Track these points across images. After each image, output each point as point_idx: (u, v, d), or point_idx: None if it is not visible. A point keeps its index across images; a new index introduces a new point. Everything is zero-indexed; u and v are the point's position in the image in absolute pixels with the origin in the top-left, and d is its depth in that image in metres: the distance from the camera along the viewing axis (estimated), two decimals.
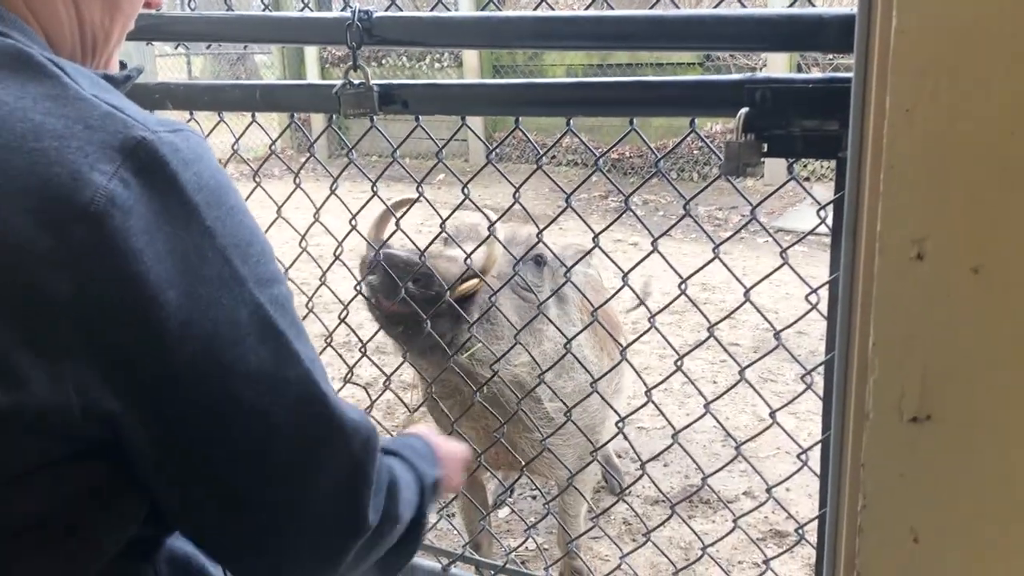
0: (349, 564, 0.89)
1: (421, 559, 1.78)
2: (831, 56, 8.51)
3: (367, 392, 2.54)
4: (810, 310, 1.22)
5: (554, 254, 1.62)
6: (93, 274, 0.68)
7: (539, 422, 2.02)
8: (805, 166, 8.13)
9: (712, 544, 1.56)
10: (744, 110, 1.10)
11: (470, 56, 10.29)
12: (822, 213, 1.18)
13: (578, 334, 1.84)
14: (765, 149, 1.11)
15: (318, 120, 10.24)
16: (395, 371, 1.83)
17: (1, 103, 0.70)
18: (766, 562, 1.42)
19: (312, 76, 11.26)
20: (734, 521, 1.45)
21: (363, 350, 1.74)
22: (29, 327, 0.68)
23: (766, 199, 1.35)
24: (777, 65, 7.86)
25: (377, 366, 1.89)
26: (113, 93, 0.78)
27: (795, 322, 1.34)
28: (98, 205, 0.68)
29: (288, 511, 0.81)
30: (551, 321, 1.89)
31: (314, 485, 0.82)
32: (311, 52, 11.31)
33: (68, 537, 0.77)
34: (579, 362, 1.67)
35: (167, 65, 11.98)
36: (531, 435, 2.05)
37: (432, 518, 3.18)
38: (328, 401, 0.81)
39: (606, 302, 1.68)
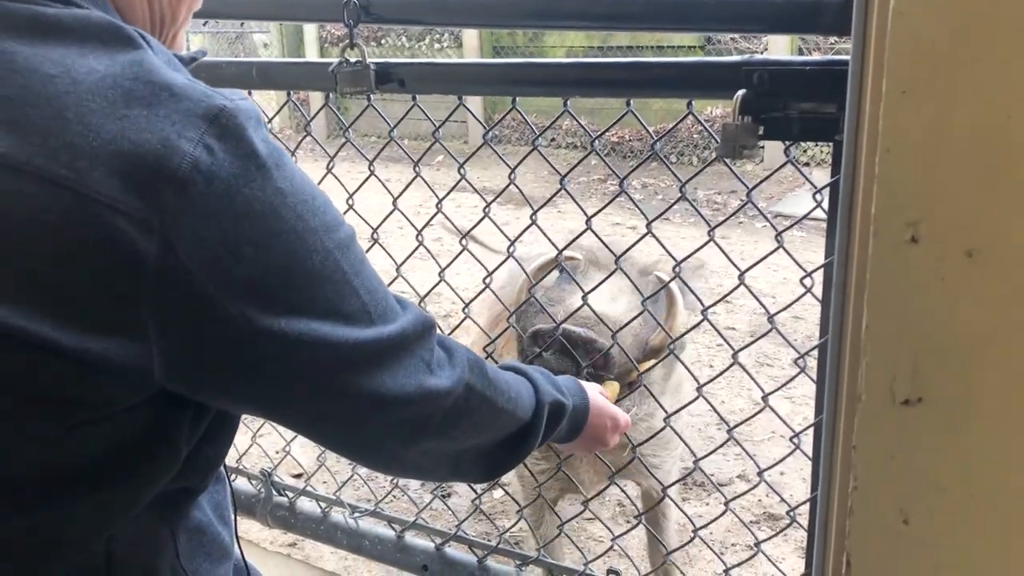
0: (442, 429, 0.98)
1: (414, 538, 1.79)
2: (832, 40, 8.49)
3: None
4: (804, 294, 1.22)
5: (685, 284, 1.50)
6: (177, 235, 0.72)
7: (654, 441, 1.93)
8: (804, 151, 8.12)
9: (705, 526, 1.56)
10: (741, 92, 1.09)
11: (470, 37, 10.24)
12: (818, 197, 1.18)
13: (683, 334, 1.74)
14: (762, 132, 1.11)
15: (316, 100, 10.20)
16: None
17: (93, 70, 0.74)
18: (757, 544, 1.42)
19: (311, 55, 11.22)
20: (726, 504, 1.45)
21: None
22: (116, 282, 0.72)
23: (762, 182, 1.35)
24: (778, 49, 7.83)
25: None
26: (183, 71, 0.82)
27: (789, 305, 1.34)
28: (184, 170, 0.72)
29: (365, 399, 0.88)
30: (681, 362, 1.74)
31: (380, 381, 0.88)
32: (310, 31, 11.26)
33: (110, 483, 0.81)
34: (687, 370, 1.61)
35: None
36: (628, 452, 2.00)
37: (426, 497, 3.18)
38: (390, 312, 0.90)
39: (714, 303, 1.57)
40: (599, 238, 1.47)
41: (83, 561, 0.85)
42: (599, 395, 1.29)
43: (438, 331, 1.00)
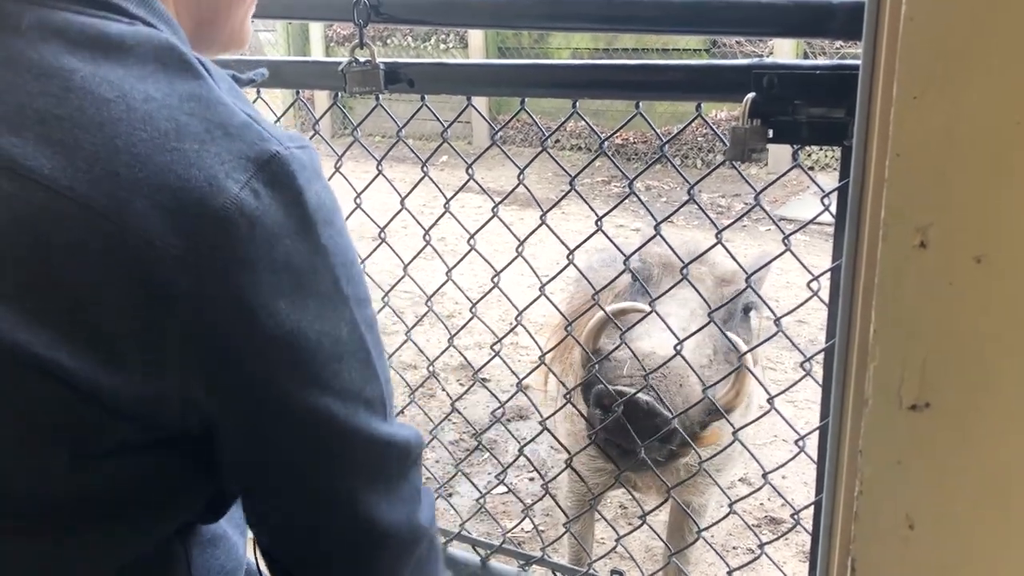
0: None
1: None
2: (838, 45, 8.48)
3: (402, 378, 2.54)
4: (810, 297, 1.22)
5: (758, 295, 1.44)
6: (213, 276, 0.70)
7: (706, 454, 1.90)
8: (808, 155, 8.12)
9: (707, 528, 1.56)
10: (750, 95, 1.09)
11: (475, 38, 10.25)
12: (826, 201, 1.18)
13: (757, 344, 1.72)
14: (770, 135, 1.11)
15: (322, 102, 10.22)
16: (395, 352, 1.84)
17: (150, 98, 0.72)
18: (760, 547, 1.42)
19: (317, 54, 11.22)
20: (730, 506, 1.45)
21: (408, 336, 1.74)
22: (142, 317, 0.70)
23: (769, 185, 1.35)
24: (783, 53, 7.83)
25: (419, 348, 1.89)
26: (246, 101, 0.80)
27: (795, 309, 1.34)
28: (229, 211, 0.70)
29: (355, 508, 0.82)
30: (757, 379, 1.68)
31: (374, 490, 0.83)
32: (316, 31, 11.27)
33: (124, 519, 0.78)
34: (758, 380, 1.57)
35: None
36: (692, 466, 1.94)
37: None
38: (391, 418, 0.85)
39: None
40: (610, 239, 1.47)
41: None
42: None
43: None
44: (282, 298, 0.73)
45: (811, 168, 8.11)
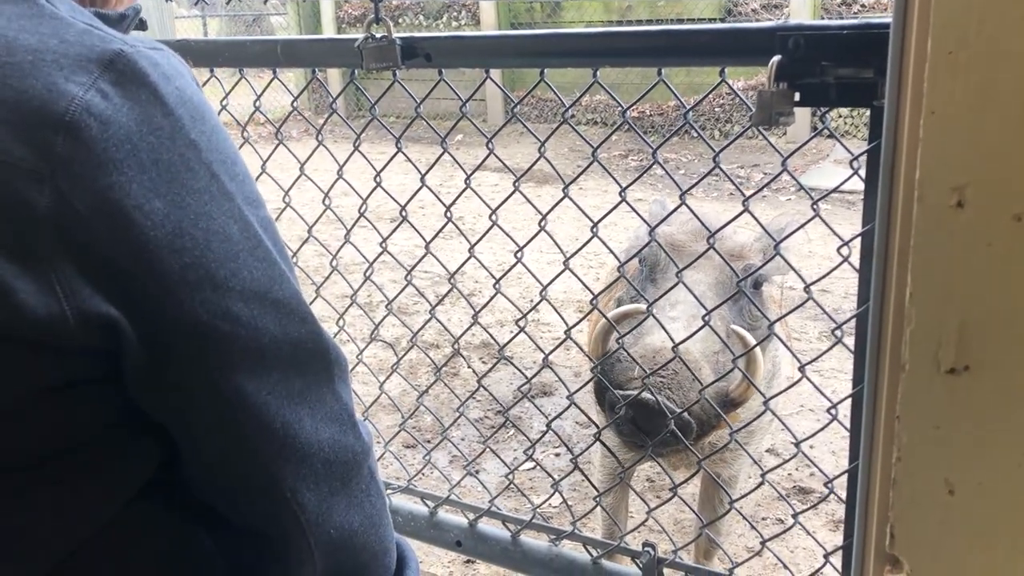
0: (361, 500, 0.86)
1: (447, 514, 1.80)
2: (856, 9, 8.35)
3: (394, 350, 2.54)
4: (841, 263, 1.20)
5: (768, 234, 1.42)
6: (72, 184, 0.68)
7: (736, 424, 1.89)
8: (824, 122, 8.01)
9: (739, 499, 1.55)
10: (776, 58, 1.07)
11: (487, 14, 10.18)
12: (855, 164, 1.16)
13: (779, 319, 1.67)
14: (797, 98, 1.09)
15: (335, 83, 10.19)
16: (419, 331, 1.83)
17: None
18: (795, 516, 1.41)
19: (328, 35, 11.20)
20: (762, 476, 1.44)
21: (388, 308, 1.74)
22: (9, 238, 0.67)
23: (796, 151, 1.33)
24: (800, 18, 7.72)
25: (404, 324, 1.90)
26: (93, 18, 0.76)
27: (826, 275, 1.32)
28: (74, 115, 0.67)
29: (289, 431, 0.79)
30: (783, 342, 1.69)
31: (308, 401, 0.81)
32: (327, 12, 11.23)
33: (77, 477, 0.76)
34: (789, 350, 1.54)
35: (183, 26, 11.94)
36: (721, 431, 1.93)
37: (455, 473, 3.18)
38: (315, 320, 0.82)
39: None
40: (635, 210, 1.45)
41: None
42: None
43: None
44: (157, 198, 0.70)
45: (829, 137, 8.02)
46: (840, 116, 8.01)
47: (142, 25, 1.62)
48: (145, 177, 0.70)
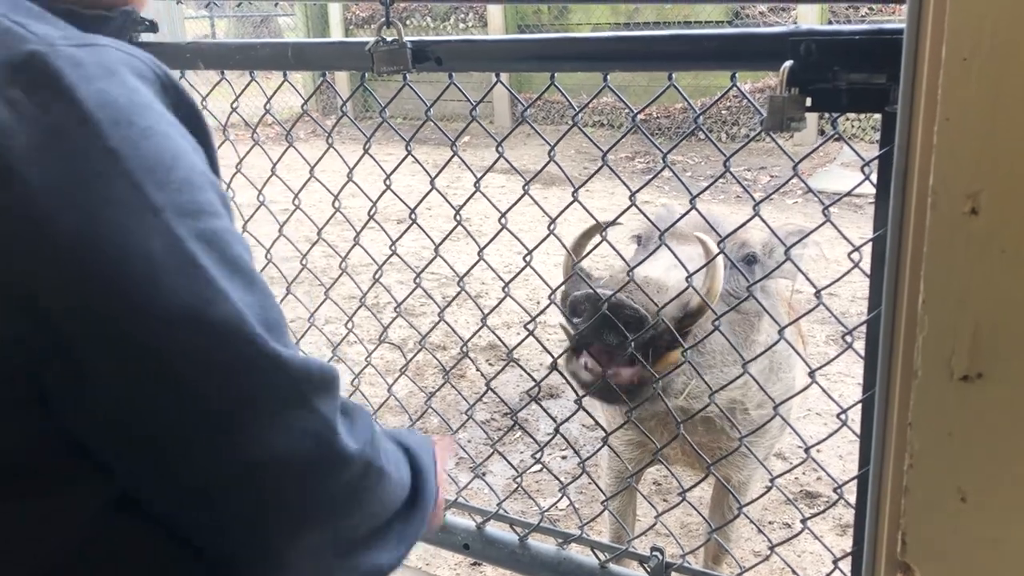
0: (354, 510, 0.82)
1: (454, 517, 1.80)
2: (863, 13, 8.33)
3: (401, 352, 2.54)
4: (852, 268, 1.20)
5: (778, 237, 1.43)
6: None
7: (743, 427, 1.88)
8: (833, 125, 8.00)
9: (749, 504, 1.55)
10: (788, 63, 1.07)
11: (494, 16, 10.19)
12: (866, 170, 1.15)
13: (788, 324, 1.60)
14: (809, 103, 1.09)
15: (344, 85, 10.21)
16: (428, 333, 1.83)
17: None
18: (803, 522, 1.41)
19: (336, 38, 11.22)
20: (771, 481, 1.44)
21: (396, 309, 1.74)
22: None
23: (807, 156, 1.32)
24: (807, 24, 7.71)
25: (412, 325, 1.90)
26: (38, 16, 0.71)
27: (837, 280, 1.32)
28: None
29: (236, 458, 0.73)
30: (773, 317, 1.64)
31: (258, 427, 0.73)
32: (335, 14, 11.24)
33: (41, 489, 0.72)
34: (796, 352, 1.53)
35: (191, 27, 11.98)
36: (731, 435, 1.94)
37: (462, 475, 3.18)
38: (260, 341, 0.72)
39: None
40: (643, 212, 1.45)
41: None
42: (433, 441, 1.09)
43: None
44: (64, 213, 0.64)
45: (837, 139, 7.99)
46: (847, 119, 7.99)
47: (152, 27, 1.63)
48: (52, 191, 0.64)
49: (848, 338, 1.26)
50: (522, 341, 1.71)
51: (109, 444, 0.73)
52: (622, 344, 1.53)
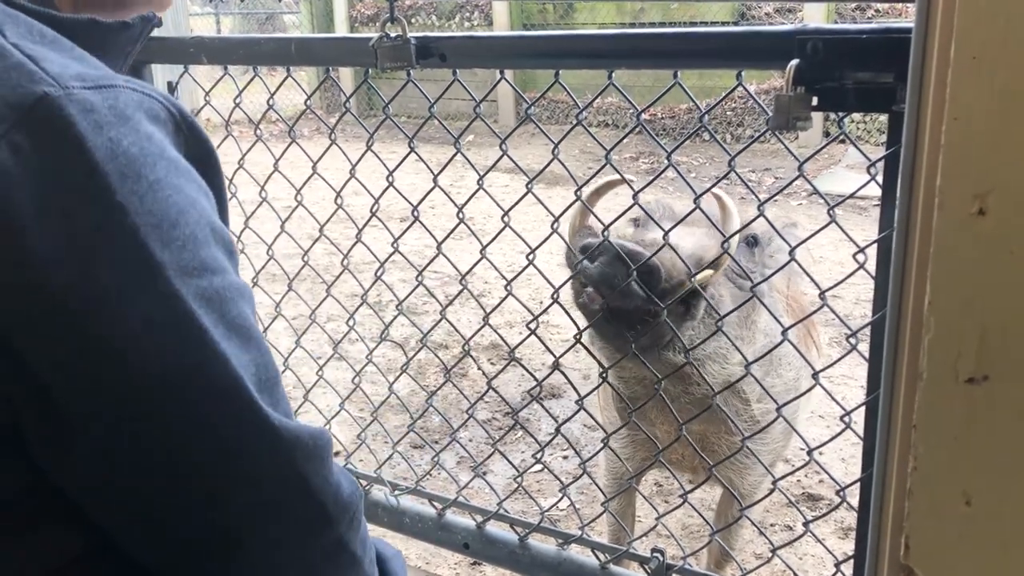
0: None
1: (455, 516, 1.79)
2: (870, 15, 8.31)
3: (403, 350, 2.53)
4: (857, 269, 1.19)
5: (777, 232, 1.42)
6: None
7: (744, 425, 1.87)
8: (838, 125, 7.99)
9: (750, 506, 1.54)
10: (795, 62, 1.06)
11: (500, 14, 10.19)
12: (872, 170, 1.14)
13: (794, 325, 1.64)
14: (815, 103, 1.08)
15: (348, 82, 10.21)
16: (430, 331, 1.83)
17: None
18: (805, 524, 1.40)
19: (341, 34, 11.23)
20: (773, 483, 1.43)
21: (398, 308, 1.74)
22: None
23: (813, 155, 1.32)
24: (814, 22, 7.70)
25: (414, 324, 1.89)
26: (51, 43, 0.69)
27: (842, 281, 1.31)
28: None
29: (217, 520, 0.73)
30: (768, 310, 1.61)
31: (244, 491, 0.73)
32: (340, 10, 11.25)
33: (21, 529, 0.71)
34: (798, 351, 1.52)
35: (196, 24, 12.00)
36: (732, 438, 1.93)
37: (463, 474, 3.17)
38: (255, 407, 0.71)
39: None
40: (645, 211, 1.44)
41: None
42: None
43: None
44: (63, 270, 0.62)
45: (841, 141, 7.99)
46: (852, 120, 7.98)
47: (157, 22, 1.63)
48: (51, 246, 0.62)
49: (852, 340, 1.25)
50: (524, 340, 1.70)
51: (87, 492, 0.72)
52: (630, 291, 1.53)
